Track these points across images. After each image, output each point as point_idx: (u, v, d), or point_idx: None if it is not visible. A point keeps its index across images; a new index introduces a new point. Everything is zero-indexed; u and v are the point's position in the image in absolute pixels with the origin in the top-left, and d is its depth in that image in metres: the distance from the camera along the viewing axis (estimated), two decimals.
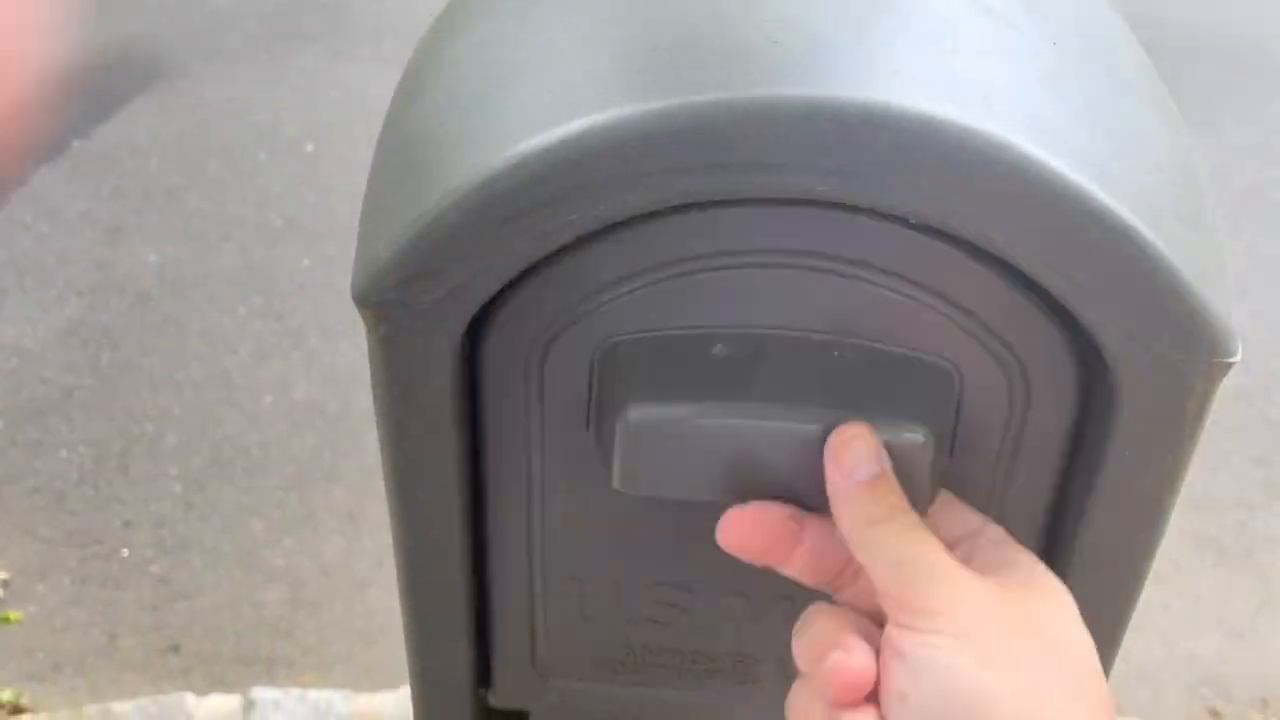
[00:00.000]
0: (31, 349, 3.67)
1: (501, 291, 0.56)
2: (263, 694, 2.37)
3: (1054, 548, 0.66)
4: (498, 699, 0.67)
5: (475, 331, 0.58)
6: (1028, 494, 0.65)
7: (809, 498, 0.53)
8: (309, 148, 5.11)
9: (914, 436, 0.54)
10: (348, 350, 3.69)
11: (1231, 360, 0.57)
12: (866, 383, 0.53)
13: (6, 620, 2.69)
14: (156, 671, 2.57)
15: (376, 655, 2.60)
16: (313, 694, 2.36)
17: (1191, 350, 0.55)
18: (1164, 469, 0.61)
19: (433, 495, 0.64)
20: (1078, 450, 0.63)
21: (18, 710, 2.44)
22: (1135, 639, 2.68)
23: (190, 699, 2.38)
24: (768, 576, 0.55)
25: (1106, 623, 0.64)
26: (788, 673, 0.55)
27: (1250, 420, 3.42)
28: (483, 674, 0.65)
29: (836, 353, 0.53)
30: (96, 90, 5.70)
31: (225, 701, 2.37)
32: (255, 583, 2.81)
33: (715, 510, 0.53)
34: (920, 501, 0.55)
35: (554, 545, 0.60)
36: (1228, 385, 2.48)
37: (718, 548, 0.53)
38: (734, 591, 0.61)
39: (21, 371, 3.56)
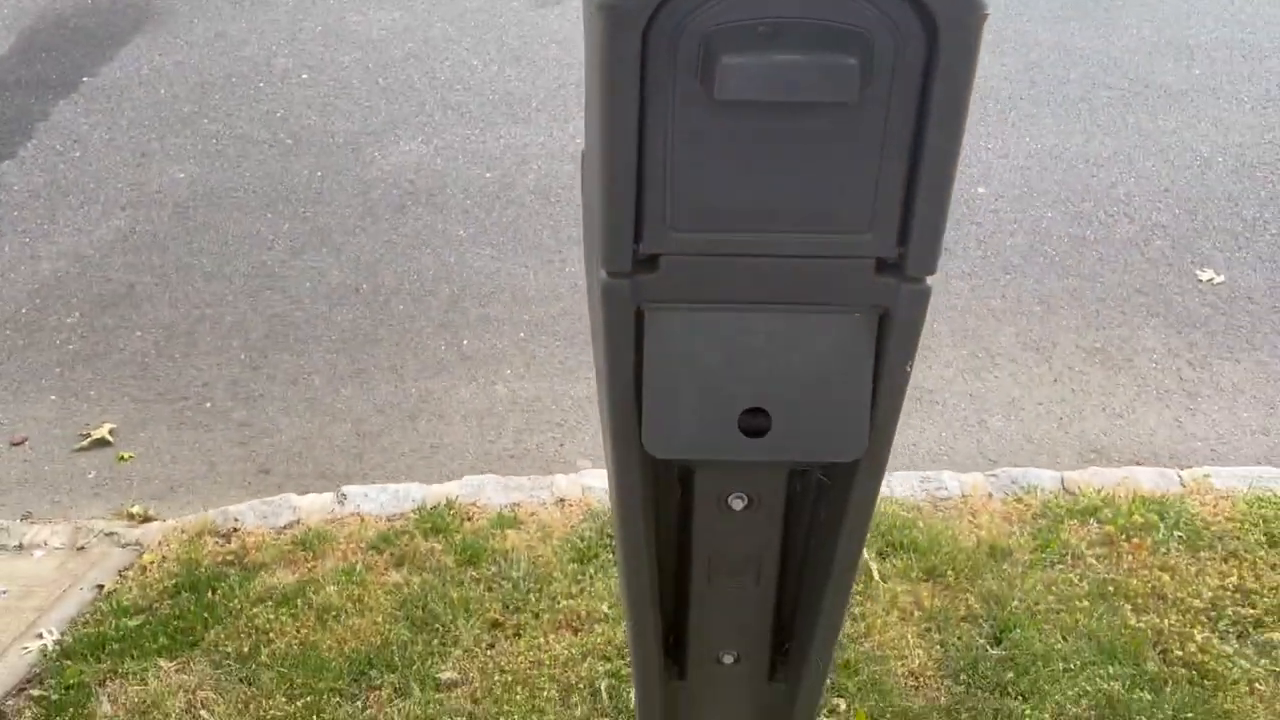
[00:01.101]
0: (90, 255, 4.18)
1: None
2: (352, 489, 2.97)
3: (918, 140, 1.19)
4: (643, 248, 1.25)
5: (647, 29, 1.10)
6: (905, 113, 1.19)
7: None
8: (304, 76, 5.60)
9: None
10: (368, 243, 4.24)
11: (985, 12, 1.10)
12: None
13: (121, 459, 3.25)
14: (254, 488, 3.15)
15: (432, 466, 3.20)
16: (392, 486, 2.97)
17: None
18: (963, 82, 1.13)
19: (623, 113, 1.13)
20: (926, 84, 1.17)
21: (148, 519, 3.01)
22: (1038, 421, 3.37)
23: (293, 497, 2.97)
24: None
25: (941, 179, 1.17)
26: None
27: (1134, 260, 4.10)
28: (637, 233, 1.22)
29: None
30: (95, 31, 6.12)
31: (321, 498, 2.96)
32: (323, 422, 3.39)
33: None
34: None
35: (680, 150, 1.14)
36: (1115, 233, 3.44)
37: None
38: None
39: (87, 273, 4.07)
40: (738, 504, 1.50)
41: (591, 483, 2.91)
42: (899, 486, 2.88)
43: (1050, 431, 3.34)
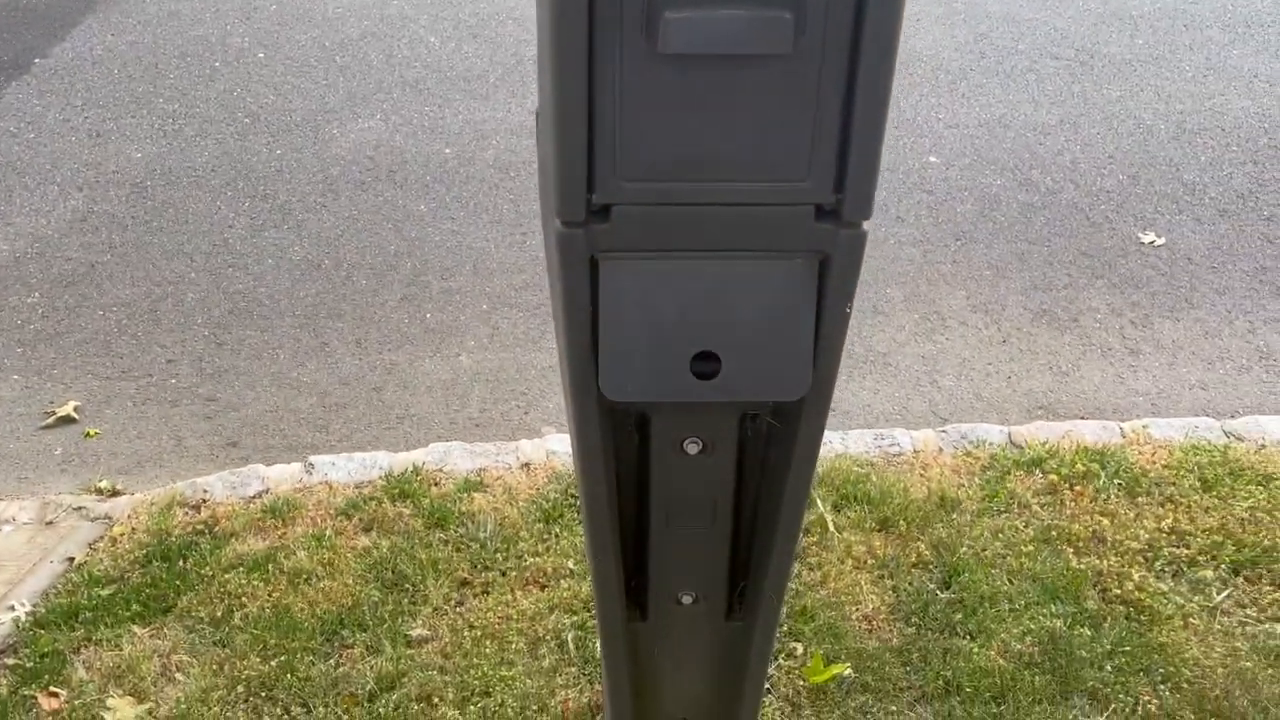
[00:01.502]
0: (50, 235, 4.17)
1: None
2: (320, 458, 3.01)
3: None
4: (596, 198, 1.32)
5: None
6: (838, 63, 1.25)
7: None
8: (260, 55, 5.59)
9: None
10: (330, 219, 4.26)
11: None
12: None
13: (88, 435, 3.28)
14: (222, 461, 3.19)
15: (398, 436, 3.26)
16: (359, 455, 3.02)
17: None
18: (890, 32, 1.20)
19: (573, 68, 1.18)
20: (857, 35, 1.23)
21: (116, 493, 3.04)
22: (987, 380, 3.48)
23: (261, 468, 3.01)
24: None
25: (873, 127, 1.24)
26: None
27: (1079, 224, 4.23)
28: (590, 184, 1.29)
29: None
30: (46, 12, 6.06)
31: (289, 468, 3.01)
32: (289, 395, 3.43)
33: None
34: None
35: (628, 104, 1.21)
36: (1061, 199, 3.57)
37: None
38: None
39: (46, 253, 4.07)
40: (693, 448, 1.58)
41: (556, 447, 2.98)
42: (854, 444, 2.98)
43: (999, 389, 3.45)
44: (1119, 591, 2.43)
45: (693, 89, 1.20)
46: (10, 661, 2.40)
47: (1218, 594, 2.44)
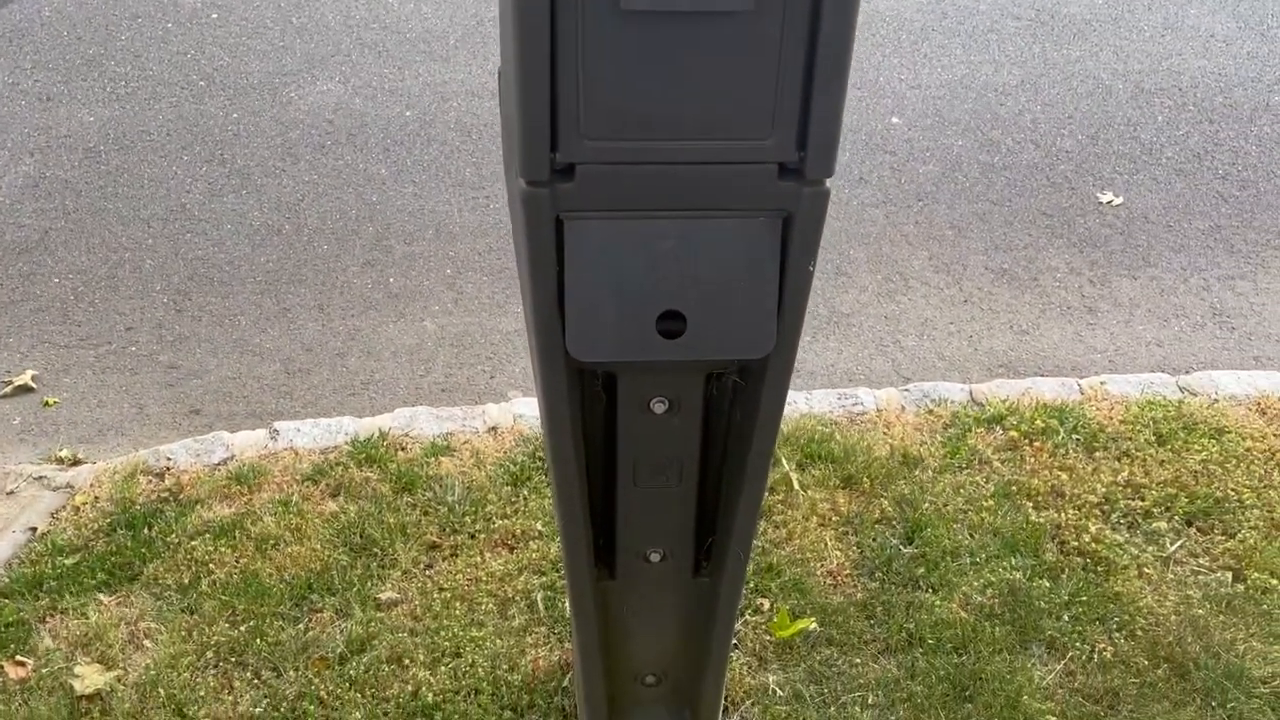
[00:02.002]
0: (0, 202, 4.08)
1: None
2: (284, 424, 3.00)
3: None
4: (560, 157, 1.32)
5: None
6: (799, 22, 1.24)
7: None
8: (213, 15, 5.47)
9: None
10: (289, 183, 4.21)
11: None
12: None
13: (47, 404, 3.23)
14: (185, 429, 3.16)
15: (363, 401, 3.25)
16: (324, 420, 3.01)
17: None
18: None
19: (536, 26, 1.17)
20: None
21: (77, 462, 3.01)
22: (949, 340, 3.52)
23: (225, 435, 2.99)
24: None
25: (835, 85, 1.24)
26: None
27: (1039, 185, 4.27)
28: (553, 143, 1.29)
29: None
30: None
31: (254, 434, 2.99)
32: (251, 362, 3.40)
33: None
34: None
35: (591, 62, 1.20)
36: (1021, 159, 3.58)
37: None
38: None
39: None
40: (659, 407, 1.59)
41: (523, 411, 2.99)
42: (818, 403, 3.01)
43: (961, 349, 3.49)
44: (1076, 544, 2.49)
45: (655, 47, 1.19)
46: None
47: (1171, 544, 2.50)
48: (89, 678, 2.22)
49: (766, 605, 2.33)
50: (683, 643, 1.93)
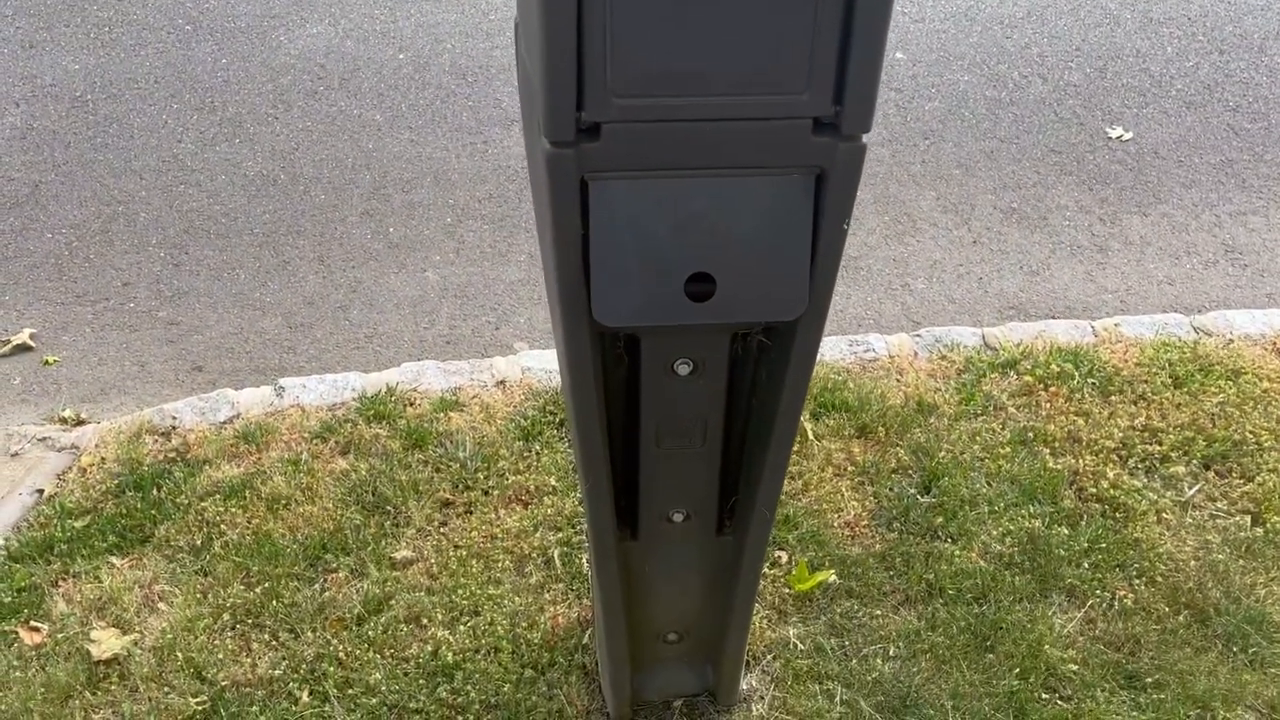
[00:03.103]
0: None
1: None
2: (290, 381, 2.96)
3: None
4: (586, 116, 1.26)
5: None
6: None
7: None
8: None
9: None
10: (283, 131, 4.11)
11: None
12: None
13: (47, 363, 3.19)
14: (187, 386, 3.12)
15: (367, 355, 3.20)
16: (330, 376, 2.96)
17: None
18: None
19: None
20: None
21: (81, 422, 2.97)
22: (959, 282, 3.48)
23: (230, 392, 2.95)
24: None
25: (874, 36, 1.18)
26: None
27: (1047, 120, 4.19)
28: (579, 101, 1.23)
29: None
30: None
31: (259, 391, 2.95)
32: (253, 317, 3.35)
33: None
34: None
35: (619, 15, 1.14)
36: (1029, 94, 3.47)
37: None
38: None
39: None
40: (684, 369, 1.55)
41: (530, 364, 2.95)
42: (829, 351, 2.97)
43: (971, 291, 3.45)
44: (1094, 490, 2.47)
45: None
46: None
47: (1189, 489, 2.49)
48: (105, 642, 2.21)
49: (785, 558, 2.32)
50: (705, 601, 1.92)
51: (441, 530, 2.42)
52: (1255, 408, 2.68)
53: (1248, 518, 2.41)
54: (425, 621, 2.21)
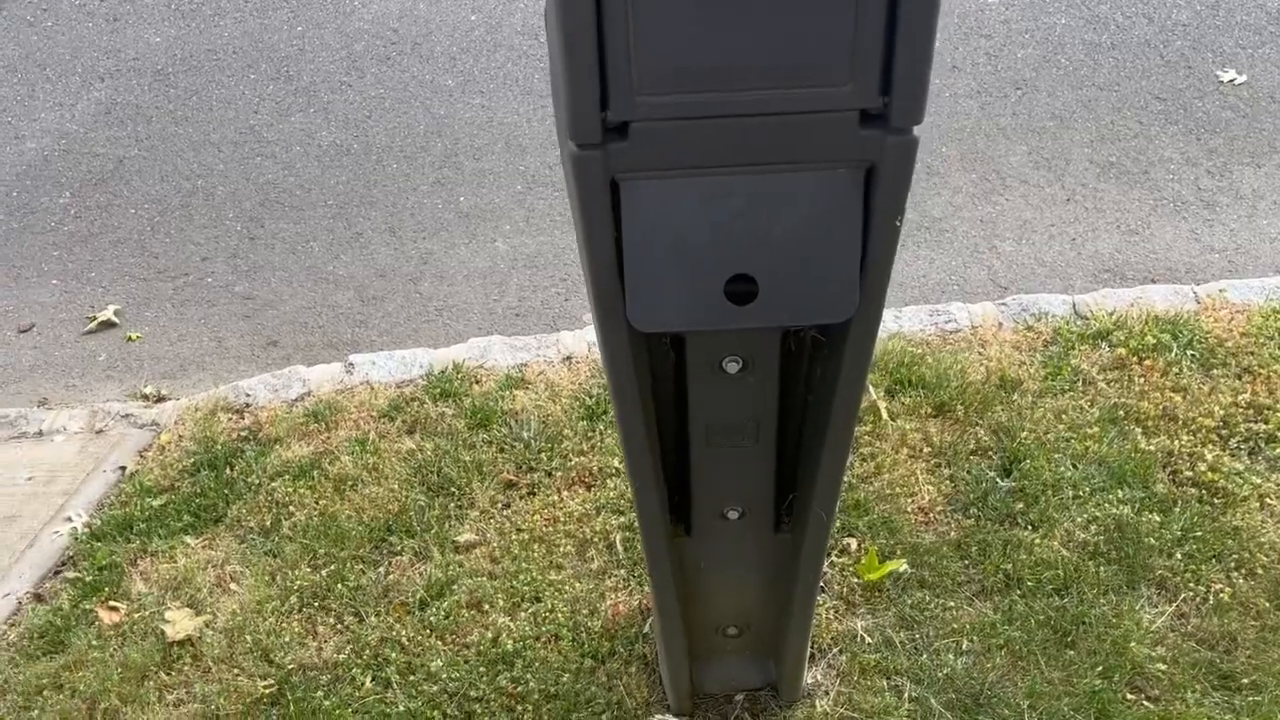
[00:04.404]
0: (75, 131, 4.08)
1: None
2: (359, 358, 2.96)
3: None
4: (612, 116, 1.18)
5: None
6: None
7: None
8: None
9: None
10: (356, 99, 4.10)
11: None
12: None
13: (130, 339, 3.26)
14: (263, 362, 3.16)
15: (437, 329, 3.19)
16: (399, 352, 2.96)
17: None
18: None
19: None
20: None
21: (161, 399, 3.04)
22: (1050, 243, 3.29)
23: (302, 369, 2.97)
24: None
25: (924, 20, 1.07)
26: None
27: (1151, 65, 3.92)
28: (603, 101, 1.15)
29: None
30: None
31: (330, 368, 2.96)
32: (326, 290, 3.37)
33: None
34: None
35: (643, 6, 1.05)
36: (1132, 36, 3.19)
37: None
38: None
39: (73, 150, 3.98)
40: (733, 367, 1.48)
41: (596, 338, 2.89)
42: (908, 321, 2.84)
43: (1063, 253, 3.27)
44: (1191, 473, 2.32)
45: None
46: (70, 575, 2.44)
47: None
48: (179, 623, 2.25)
49: (854, 545, 2.24)
50: (764, 597, 1.85)
51: (504, 513, 2.40)
52: None
53: None
54: (487, 607, 2.20)
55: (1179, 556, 2.16)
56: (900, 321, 2.85)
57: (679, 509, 1.74)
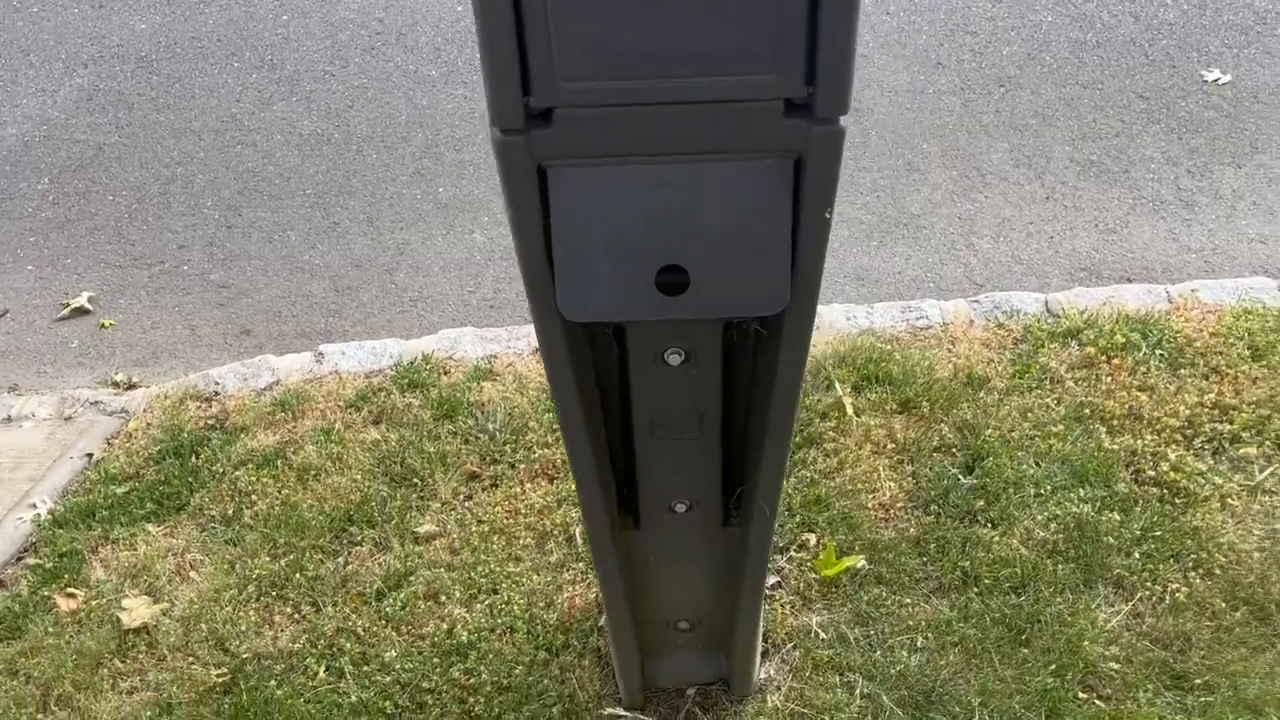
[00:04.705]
0: (56, 117, 4.07)
1: None
2: (329, 347, 2.96)
3: None
4: (534, 102, 1.18)
5: None
6: None
7: None
8: None
9: None
10: (339, 88, 4.09)
11: None
12: None
13: (103, 326, 3.25)
14: (236, 350, 3.15)
15: (411, 320, 3.18)
16: (370, 343, 2.95)
17: None
18: None
19: None
20: None
21: (132, 386, 3.03)
22: (1028, 241, 3.28)
23: (271, 358, 2.96)
24: None
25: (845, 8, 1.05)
26: None
27: (1136, 63, 3.91)
28: (525, 86, 1.15)
29: None
30: None
31: (299, 358, 2.96)
32: (301, 279, 3.36)
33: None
34: None
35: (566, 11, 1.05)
36: (1118, 35, 3.16)
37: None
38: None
39: (54, 136, 3.98)
40: (674, 359, 1.47)
41: None
42: (880, 317, 2.83)
43: (1040, 251, 3.26)
44: (1153, 473, 2.31)
45: None
46: (31, 561, 2.43)
47: (1260, 472, 2.30)
48: (136, 610, 2.25)
49: (813, 541, 2.23)
50: (714, 591, 1.85)
51: (466, 504, 2.40)
52: None
53: None
54: (444, 598, 2.19)
55: (1137, 556, 2.15)
56: (872, 317, 2.84)
57: (628, 502, 1.73)
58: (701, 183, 1.20)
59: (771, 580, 2.16)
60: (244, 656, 2.13)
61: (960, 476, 2.33)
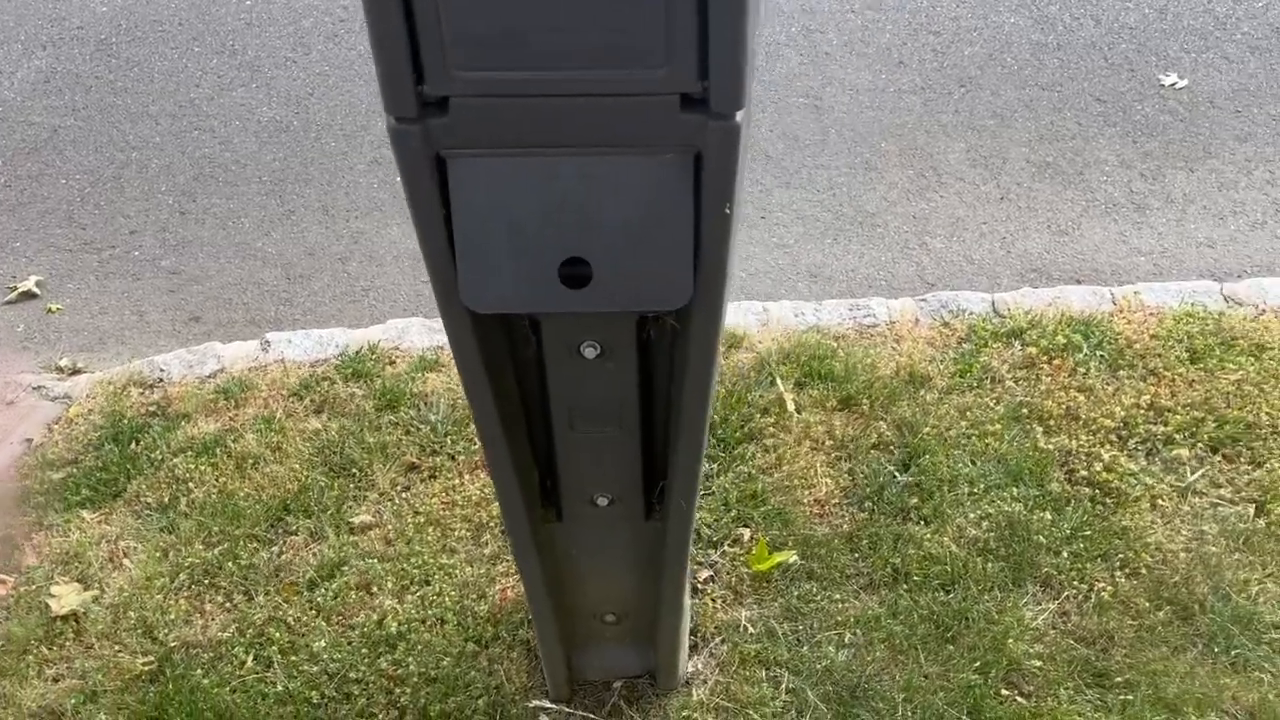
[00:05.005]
0: (11, 99, 4.03)
1: None
2: (276, 335, 2.94)
3: None
4: (429, 90, 1.17)
5: None
6: None
7: None
8: None
9: None
10: (300, 75, 4.07)
11: None
12: None
13: (50, 311, 3.22)
14: (184, 337, 3.13)
15: (362, 309, 3.17)
16: (317, 331, 2.94)
17: None
18: None
19: None
20: None
21: (76, 371, 3.01)
22: (980, 241, 3.30)
23: (218, 346, 2.95)
24: None
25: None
26: None
27: (1095, 66, 3.93)
28: (418, 73, 1.14)
29: None
30: None
31: (246, 346, 2.94)
32: (253, 267, 3.34)
33: None
34: None
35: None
36: (1078, 38, 3.18)
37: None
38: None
39: (8, 118, 3.94)
40: (590, 352, 1.47)
41: None
42: (827, 315, 2.84)
43: (992, 251, 3.27)
44: (1086, 473, 2.33)
45: None
46: None
47: (1191, 474, 2.33)
48: (65, 598, 2.23)
49: (747, 536, 2.24)
50: (639, 584, 1.85)
51: (404, 495, 2.39)
52: (1276, 387, 2.49)
53: (1251, 507, 2.25)
54: (375, 589, 2.19)
55: (1066, 555, 2.17)
56: (820, 314, 2.84)
57: (551, 494, 1.73)
58: (602, 176, 1.20)
59: (704, 574, 2.17)
60: (172, 645, 2.12)
61: (896, 474, 2.34)
